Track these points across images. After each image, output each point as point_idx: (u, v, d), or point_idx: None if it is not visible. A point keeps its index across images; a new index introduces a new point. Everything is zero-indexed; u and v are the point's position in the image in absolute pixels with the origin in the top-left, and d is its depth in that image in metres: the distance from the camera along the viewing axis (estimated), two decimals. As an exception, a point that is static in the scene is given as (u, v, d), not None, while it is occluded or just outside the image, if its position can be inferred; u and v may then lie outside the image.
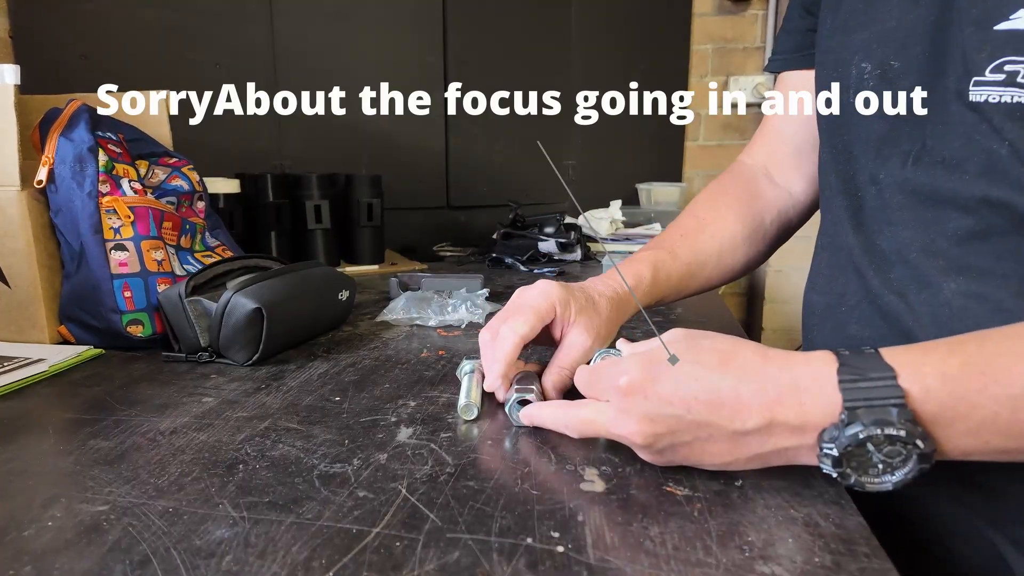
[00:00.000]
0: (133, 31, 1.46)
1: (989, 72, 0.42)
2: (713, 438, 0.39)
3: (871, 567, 0.33)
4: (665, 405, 0.39)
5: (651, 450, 0.41)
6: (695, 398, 0.38)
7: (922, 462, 0.35)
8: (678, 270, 0.64)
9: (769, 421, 0.37)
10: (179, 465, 0.43)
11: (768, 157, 0.72)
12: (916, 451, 0.35)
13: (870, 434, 0.35)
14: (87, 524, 0.36)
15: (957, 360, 0.36)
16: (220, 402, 0.55)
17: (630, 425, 0.40)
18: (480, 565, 0.32)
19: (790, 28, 0.68)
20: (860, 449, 0.35)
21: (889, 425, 0.34)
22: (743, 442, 0.38)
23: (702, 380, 0.39)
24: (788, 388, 0.37)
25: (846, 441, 0.35)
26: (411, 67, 1.69)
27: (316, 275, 0.75)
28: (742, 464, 0.40)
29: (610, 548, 0.34)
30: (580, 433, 0.45)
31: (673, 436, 0.39)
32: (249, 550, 0.34)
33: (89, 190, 0.66)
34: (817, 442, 0.37)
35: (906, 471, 0.36)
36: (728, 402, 0.38)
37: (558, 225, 1.33)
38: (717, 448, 0.39)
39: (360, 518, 0.37)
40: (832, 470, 0.36)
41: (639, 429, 0.40)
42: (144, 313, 0.68)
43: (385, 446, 0.46)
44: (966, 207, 0.44)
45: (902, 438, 0.35)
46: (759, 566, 0.32)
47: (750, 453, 0.39)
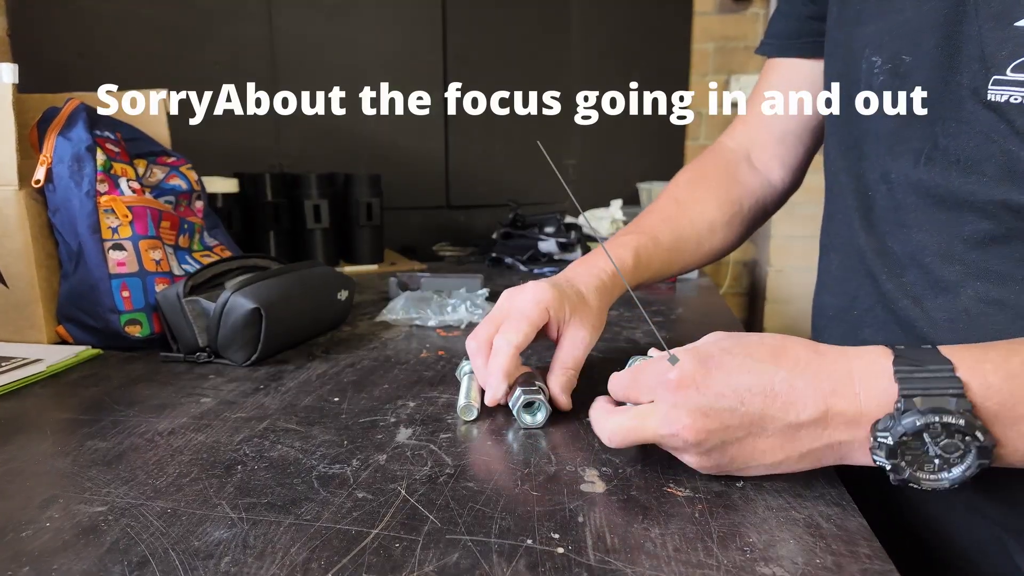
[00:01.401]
0: (132, 30, 1.46)
1: (1011, 71, 0.40)
2: (766, 432, 0.37)
3: (872, 568, 0.32)
4: (718, 398, 0.37)
5: (701, 448, 0.38)
6: (748, 390, 0.37)
7: (981, 457, 0.34)
8: (659, 256, 0.63)
9: (824, 412, 0.36)
10: (177, 466, 0.43)
11: (751, 142, 0.70)
12: (975, 444, 0.33)
13: (927, 422, 0.33)
14: (85, 525, 0.36)
15: (1019, 359, 0.35)
16: (218, 402, 0.54)
17: (682, 419, 0.37)
18: (480, 566, 0.32)
19: (788, 11, 0.64)
20: (916, 440, 0.34)
21: (947, 414, 0.33)
22: (797, 436, 0.37)
23: (755, 372, 0.37)
24: (843, 379, 0.36)
25: (902, 429, 0.34)
26: (411, 67, 1.69)
27: (315, 275, 0.74)
28: (793, 463, 0.38)
29: (611, 549, 0.34)
30: (622, 442, 0.41)
31: (726, 432, 0.37)
32: (248, 551, 0.33)
33: (87, 189, 0.66)
34: (871, 433, 0.35)
35: (965, 467, 0.34)
36: (782, 393, 0.37)
37: (558, 225, 1.33)
38: (769, 444, 0.37)
39: (359, 519, 0.36)
40: (886, 461, 0.35)
41: (691, 423, 0.37)
42: (142, 313, 0.68)
43: (384, 447, 0.46)
44: (984, 210, 0.43)
45: (960, 428, 0.33)
46: (760, 567, 0.32)
47: (803, 449, 0.37)
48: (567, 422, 0.50)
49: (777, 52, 0.66)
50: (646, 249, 0.62)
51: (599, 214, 1.54)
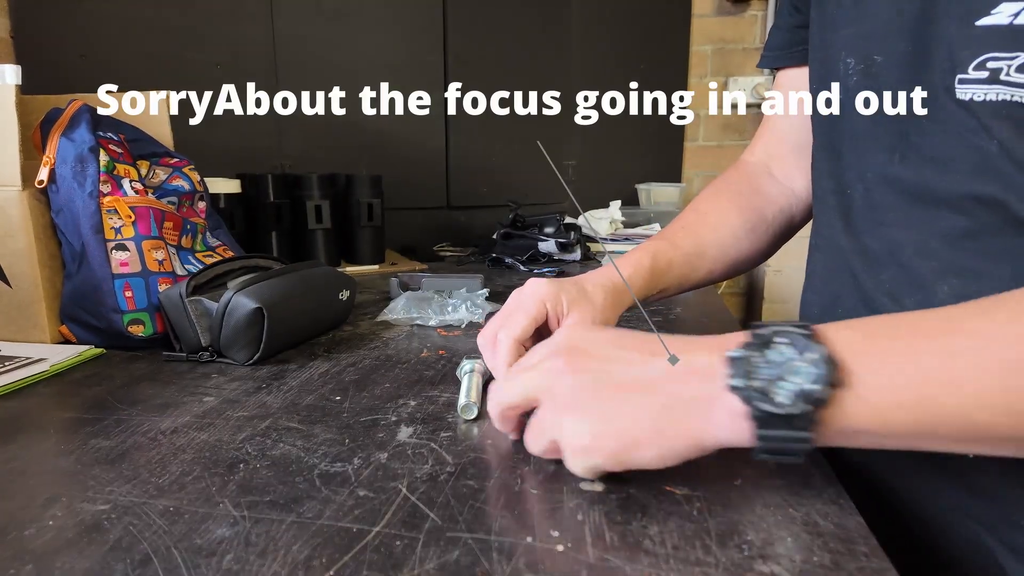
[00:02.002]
0: (133, 31, 1.47)
1: (972, 69, 0.41)
2: (641, 376, 0.38)
3: (870, 566, 0.33)
4: (605, 343, 0.41)
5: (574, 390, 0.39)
6: (632, 340, 0.41)
7: (829, 374, 0.33)
8: (679, 259, 0.63)
9: (684, 360, 0.38)
10: (180, 464, 0.43)
11: (769, 155, 0.72)
12: (822, 359, 0.33)
13: (774, 330, 0.35)
14: (88, 523, 0.36)
15: (869, 323, 0.37)
16: (221, 401, 0.55)
17: (556, 339, 0.42)
18: (480, 564, 0.33)
19: (780, 24, 0.68)
20: (764, 353, 0.34)
21: (795, 327, 0.35)
22: (665, 380, 0.37)
23: (623, 336, 0.41)
24: (696, 339, 0.39)
25: (754, 344, 0.35)
26: (411, 67, 1.69)
27: (317, 275, 0.75)
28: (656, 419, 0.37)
29: (610, 547, 0.34)
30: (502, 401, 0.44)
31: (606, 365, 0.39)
32: (250, 549, 0.34)
33: (90, 190, 0.66)
34: (723, 362, 0.36)
35: (816, 387, 0.33)
36: (658, 348, 0.39)
37: (558, 225, 1.33)
38: (637, 388, 0.38)
39: (360, 517, 0.37)
40: (737, 378, 0.35)
41: (565, 338, 0.41)
42: (145, 313, 0.68)
43: (385, 445, 0.46)
44: (958, 206, 0.43)
45: (807, 339, 0.34)
46: (758, 565, 0.33)
47: (670, 393, 0.37)
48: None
49: (772, 63, 0.69)
50: (664, 253, 0.62)
51: (599, 214, 1.54)
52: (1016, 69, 0.38)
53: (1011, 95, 0.39)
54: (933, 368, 0.33)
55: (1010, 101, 0.39)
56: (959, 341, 0.33)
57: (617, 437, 0.38)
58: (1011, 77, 0.39)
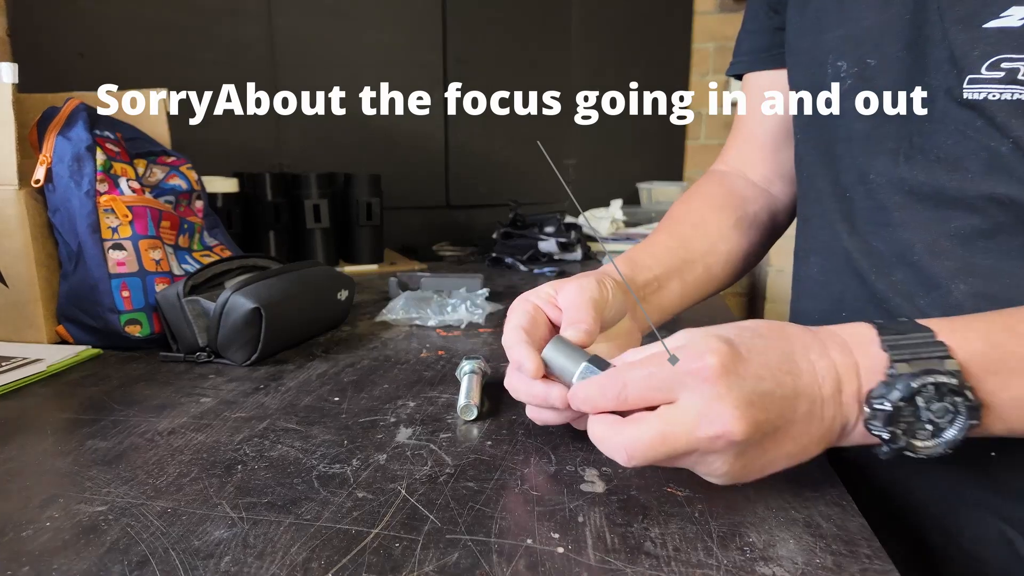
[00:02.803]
0: (131, 29, 1.46)
1: (986, 70, 0.41)
2: (797, 415, 0.35)
3: (872, 568, 0.32)
4: (759, 381, 0.34)
5: (743, 446, 0.34)
6: (779, 368, 0.35)
7: (971, 418, 0.34)
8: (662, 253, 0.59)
9: (837, 381, 0.36)
10: (177, 465, 0.43)
11: (743, 161, 0.70)
12: (965, 404, 0.34)
13: (921, 383, 0.34)
14: (85, 524, 0.36)
15: (998, 326, 0.36)
16: (218, 402, 0.54)
17: (727, 412, 0.33)
18: (480, 566, 0.32)
19: (755, 28, 0.66)
20: (910, 405, 0.34)
21: (938, 374, 0.34)
22: (821, 415, 0.36)
23: (774, 351, 0.36)
24: (843, 349, 0.37)
25: (898, 394, 0.34)
26: (411, 67, 1.69)
27: (315, 275, 0.74)
28: (812, 449, 0.36)
29: (611, 549, 0.34)
30: (645, 456, 0.35)
31: (768, 423, 0.34)
32: (248, 551, 0.33)
33: (87, 189, 0.66)
34: (866, 402, 0.35)
35: (957, 429, 0.35)
36: (805, 370, 0.36)
37: (558, 225, 1.33)
38: (798, 429, 0.35)
39: (359, 519, 0.36)
40: (883, 430, 0.35)
41: (740, 415, 0.33)
42: (142, 313, 0.68)
43: (384, 447, 0.46)
44: (972, 206, 0.44)
45: (952, 387, 0.34)
46: (760, 567, 0.32)
47: (823, 429, 0.36)
48: (567, 422, 0.50)
49: (750, 67, 0.67)
50: (641, 249, 0.59)
51: (599, 214, 1.54)
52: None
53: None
54: None
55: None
56: None
57: (761, 473, 0.37)
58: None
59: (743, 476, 0.36)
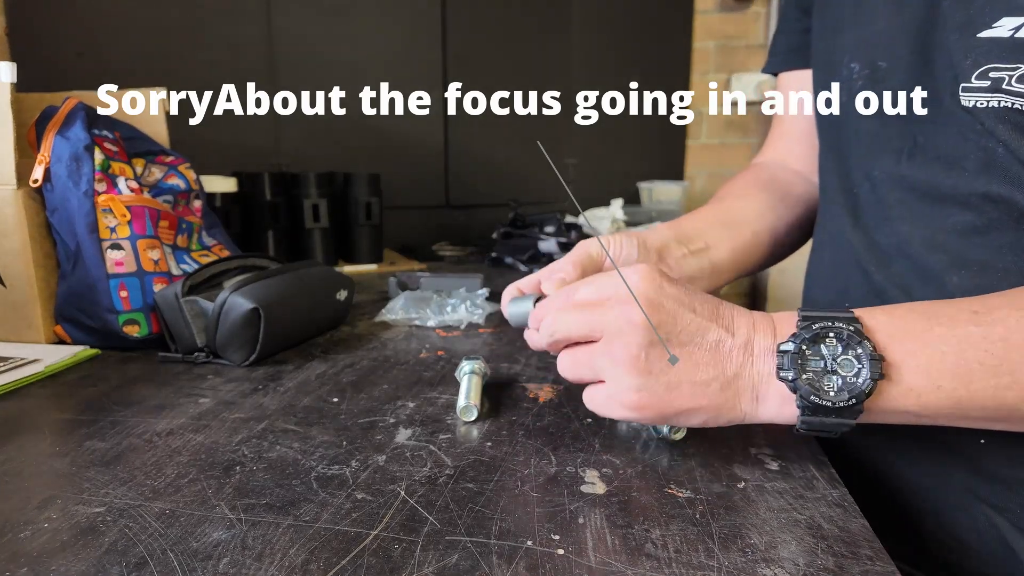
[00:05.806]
0: (131, 29, 1.46)
1: (975, 79, 0.43)
2: (703, 343, 0.39)
3: (874, 570, 0.32)
4: (677, 296, 0.40)
5: (643, 335, 0.38)
6: (700, 301, 0.40)
7: (874, 370, 0.36)
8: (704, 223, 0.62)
9: (750, 334, 0.39)
10: (176, 466, 0.43)
11: (784, 155, 0.73)
12: (868, 356, 0.36)
13: (822, 326, 0.37)
14: (83, 526, 0.36)
15: (902, 309, 0.39)
16: (217, 403, 0.54)
17: (638, 289, 0.39)
18: (479, 568, 0.32)
19: (787, 28, 0.69)
20: (815, 349, 0.37)
21: (840, 320, 0.37)
22: (729, 356, 0.39)
23: (703, 295, 0.41)
24: (764, 317, 0.41)
25: (803, 336, 0.37)
26: (411, 66, 1.69)
27: (314, 275, 0.74)
28: (718, 390, 0.39)
29: (611, 551, 0.34)
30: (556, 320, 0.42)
31: (671, 323, 0.39)
32: (246, 552, 0.33)
33: (85, 189, 0.66)
34: (777, 353, 0.38)
35: (862, 380, 0.36)
36: (725, 316, 0.40)
37: (558, 225, 1.33)
38: (702, 357, 0.39)
39: (358, 520, 0.36)
40: (790, 371, 0.37)
41: (646, 299, 0.39)
42: (140, 313, 0.68)
43: (383, 447, 0.46)
44: (967, 203, 0.45)
45: (852, 333, 0.37)
46: (761, 569, 0.32)
47: (729, 373, 0.39)
48: (567, 423, 0.50)
49: (782, 66, 0.70)
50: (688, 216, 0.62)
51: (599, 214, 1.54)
52: (1017, 79, 0.41)
53: (1012, 103, 0.41)
54: (969, 353, 0.35)
55: (1011, 108, 0.42)
56: (995, 329, 0.36)
57: (670, 404, 0.39)
58: (1012, 87, 0.41)
59: (648, 385, 0.39)
